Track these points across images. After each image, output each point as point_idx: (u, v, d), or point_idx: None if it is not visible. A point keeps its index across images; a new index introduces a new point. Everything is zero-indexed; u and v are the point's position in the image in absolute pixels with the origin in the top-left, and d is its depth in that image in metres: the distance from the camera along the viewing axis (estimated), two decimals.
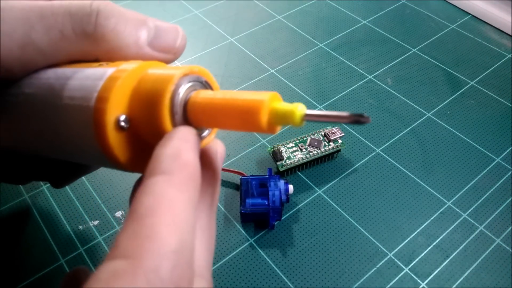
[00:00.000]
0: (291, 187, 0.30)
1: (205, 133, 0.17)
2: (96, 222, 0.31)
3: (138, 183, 0.17)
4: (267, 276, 0.28)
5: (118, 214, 0.31)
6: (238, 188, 0.33)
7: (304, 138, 0.34)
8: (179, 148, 0.14)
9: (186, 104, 0.16)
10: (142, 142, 0.16)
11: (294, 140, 0.34)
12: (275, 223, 0.31)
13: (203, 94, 0.16)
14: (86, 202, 0.32)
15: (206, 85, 0.17)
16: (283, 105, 0.15)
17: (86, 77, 0.16)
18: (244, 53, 0.44)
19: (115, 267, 0.12)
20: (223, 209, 0.32)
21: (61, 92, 0.16)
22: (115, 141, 0.16)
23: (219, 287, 0.28)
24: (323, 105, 0.39)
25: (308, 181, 0.33)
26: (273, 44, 0.45)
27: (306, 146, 0.33)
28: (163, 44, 0.19)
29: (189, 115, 0.16)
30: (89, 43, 0.17)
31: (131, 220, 0.13)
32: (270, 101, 0.15)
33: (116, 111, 0.15)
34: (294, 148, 0.33)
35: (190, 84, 0.16)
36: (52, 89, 0.17)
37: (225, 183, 0.33)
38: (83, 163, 0.22)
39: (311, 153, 0.33)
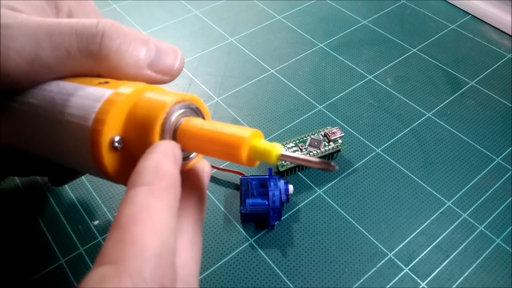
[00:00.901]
0: (291, 187, 0.30)
1: (193, 154, 0.19)
2: (96, 222, 0.31)
3: None
4: (267, 276, 0.28)
5: None
6: (238, 188, 0.33)
7: (304, 138, 0.34)
8: (159, 160, 0.15)
9: (176, 129, 0.17)
10: (134, 159, 0.17)
11: (294, 140, 0.34)
12: (275, 223, 0.31)
13: (192, 123, 0.17)
14: (86, 202, 0.32)
15: (197, 111, 0.18)
16: (262, 144, 0.16)
17: (86, 96, 0.17)
18: (244, 53, 0.44)
19: (102, 272, 0.13)
20: (223, 209, 0.32)
21: (62, 108, 0.18)
22: (109, 160, 0.17)
23: (219, 287, 0.28)
24: (323, 105, 0.39)
25: (308, 181, 0.33)
26: (273, 44, 0.45)
27: (306, 146, 0.33)
28: (162, 67, 0.20)
29: (178, 140, 0.17)
30: (93, 61, 0.18)
31: (114, 229, 0.14)
32: (251, 138, 0.16)
33: (111, 133, 0.17)
34: (294, 148, 0.33)
35: (181, 111, 0.17)
36: (54, 103, 0.18)
37: (225, 183, 0.33)
38: (79, 170, 0.23)
39: (311, 153, 0.33)
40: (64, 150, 0.18)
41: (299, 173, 0.34)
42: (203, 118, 0.19)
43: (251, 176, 0.31)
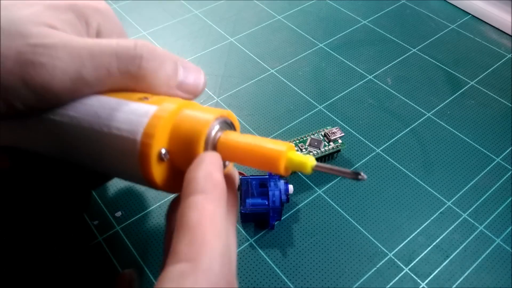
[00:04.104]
0: (291, 187, 0.30)
1: (227, 162, 0.21)
2: (96, 222, 0.31)
3: (174, 203, 0.20)
4: (267, 276, 0.28)
5: (118, 214, 0.31)
6: (238, 188, 0.33)
7: (304, 138, 0.34)
8: (210, 170, 0.17)
9: (216, 142, 0.19)
10: (176, 168, 0.20)
11: (294, 140, 0.34)
12: (275, 223, 0.31)
13: (231, 137, 0.19)
14: None
15: (231, 125, 0.21)
16: (298, 156, 0.18)
17: (131, 112, 0.19)
18: (244, 53, 0.44)
19: (180, 269, 0.15)
20: None
21: (108, 122, 0.19)
22: (157, 170, 0.19)
23: None
24: (323, 105, 0.39)
25: (308, 181, 0.33)
26: (273, 44, 0.45)
27: (306, 146, 0.33)
28: (188, 87, 0.22)
29: (218, 152, 0.19)
30: (130, 80, 0.20)
31: (184, 231, 0.16)
32: (287, 151, 0.18)
33: (159, 146, 0.19)
34: (294, 148, 0.33)
35: (218, 125, 0.19)
36: (98, 117, 0.20)
37: None
38: (120, 178, 0.25)
39: (311, 153, 0.33)
40: (108, 160, 0.20)
41: (299, 173, 0.34)
42: (235, 130, 0.21)
43: (251, 176, 0.31)
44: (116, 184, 0.33)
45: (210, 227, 0.16)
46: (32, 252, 0.29)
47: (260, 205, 0.29)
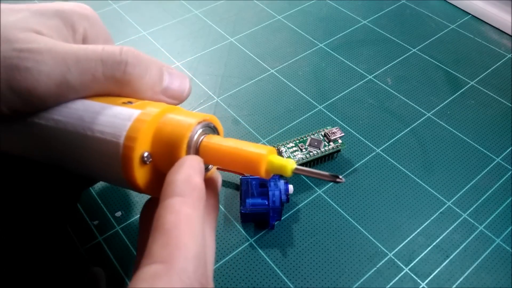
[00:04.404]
0: (291, 187, 0.30)
1: (210, 166, 0.21)
2: (96, 222, 0.31)
3: (147, 204, 0.21)
4: (267, 276, 0.28)
5: (118, 214, 0.31)
6: (238, 188, 0.33)
7: (304, 138, 0.34)
8: (189, 174, 0.18)
9: (198, 146, 0.19)
10: (158, 171, 0.20)
11: (294, 140, 0.34)
12: (275, 223, 0.31)
13: (214, 140, 0.19)
14: (86, 202, 0.32)
15: (214, 129, 0.21)
16: (278, 159, 0.19)
17: (115, 116, 0.19)
18: (244, 53, 0.44)
19: (154, 270, 0.15)
20: (223, 209, 0.32)
21: (91, 125, 0.20)
22: (139, 173, 0.19)
23: (219, 287, 0.28)
24: (323, 105, 0.39)
25: (308, 181, 0.33)
26: (273, 44, 0.45)
27: (306, 146, 0.33)
28: (173, 93, 0.22)
29: (200, 155, 0.19)
30: (115, 85, 0.21)
31: (158, 232, 0.16)
32: (268, 155, 0.19)
33: (142, 149, 0.19)
34: (294, 148, 0.33)
35: (201, 129, 0.20)
36: (82, 120, 0.20)
37: (225, 183, 0.33)
38: (105, 181, 0.25)
39: (311, 153, 0.33)
40: (92, 163, 0.20)
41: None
42: (218, 134, 0.21)
43: (251, 176, 0.31)
44: (118, 187, 0.33)
45: (185, 229, 0.16)
46: (25, 255, 0.29)
47: (260, 205, 0.29)
